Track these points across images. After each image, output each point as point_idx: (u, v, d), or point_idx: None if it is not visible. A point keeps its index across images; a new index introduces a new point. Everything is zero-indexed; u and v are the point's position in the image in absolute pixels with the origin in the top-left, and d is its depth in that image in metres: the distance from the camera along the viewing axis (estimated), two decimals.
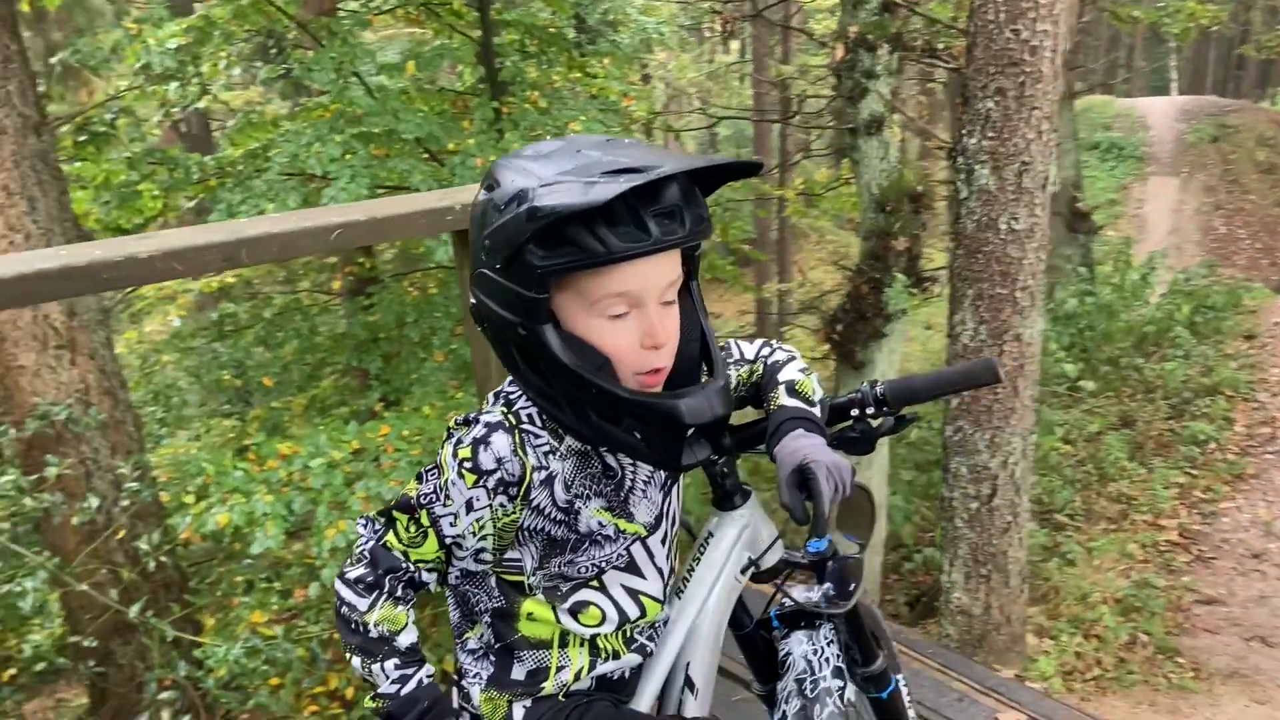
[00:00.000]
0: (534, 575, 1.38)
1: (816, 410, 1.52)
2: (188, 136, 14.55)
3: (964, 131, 4.05)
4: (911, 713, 2.15)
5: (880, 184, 6.26)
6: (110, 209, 5.89)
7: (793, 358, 1.58)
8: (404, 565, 1.38)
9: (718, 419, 1.28)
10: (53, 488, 4.39)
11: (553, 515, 1.34)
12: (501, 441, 1.29)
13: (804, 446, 1.40)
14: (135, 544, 3.95)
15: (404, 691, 1.40)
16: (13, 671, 4.45)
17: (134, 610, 3.56)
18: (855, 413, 1.58)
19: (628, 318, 1.24)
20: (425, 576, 1.40)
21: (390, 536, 1.37)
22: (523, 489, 1.30)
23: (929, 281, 6.41)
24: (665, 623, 1.55)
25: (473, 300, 1.29)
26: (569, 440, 1.35)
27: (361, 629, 1.38)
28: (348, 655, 1.41)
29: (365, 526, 1.41)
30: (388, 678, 1.39)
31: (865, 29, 5.93)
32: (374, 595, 1.37)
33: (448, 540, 1.34)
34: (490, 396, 1.40)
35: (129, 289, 7.28)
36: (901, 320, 6.53)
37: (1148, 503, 7.65)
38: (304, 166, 5.58)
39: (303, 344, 7.09)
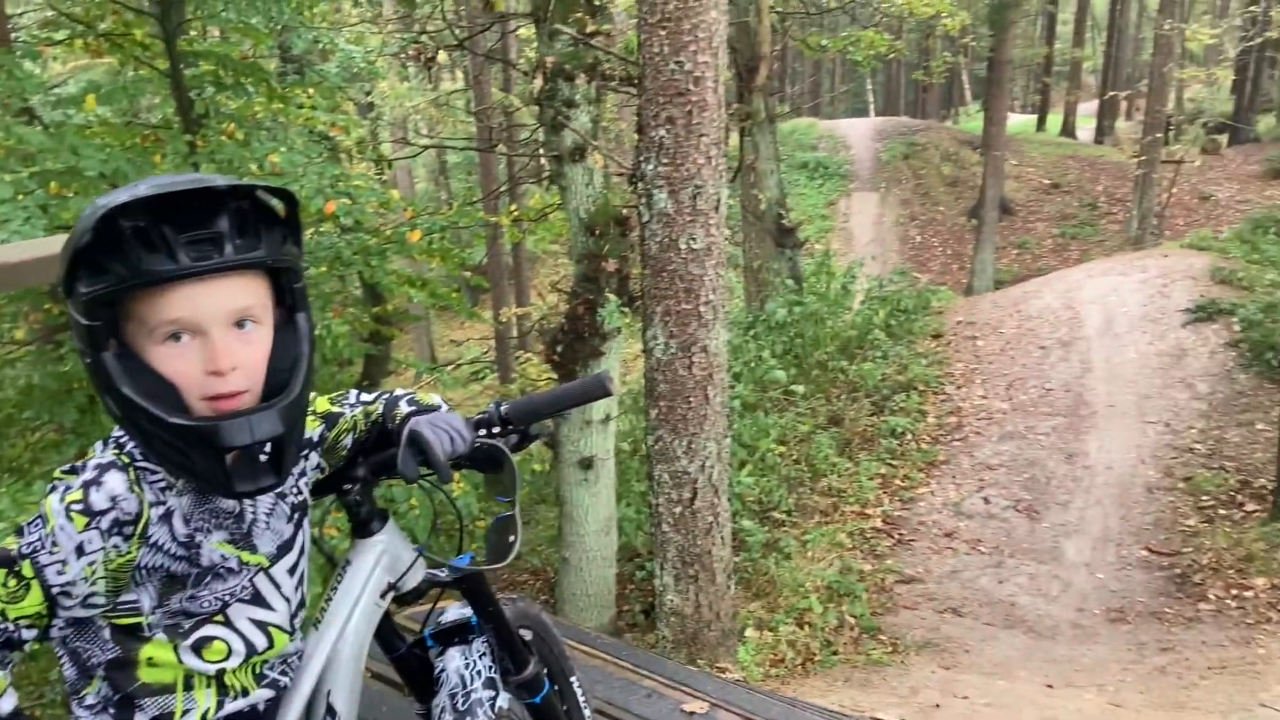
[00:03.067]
0: (153, 614, 1.35)
1: (443, 407, 1.63)
2: None
3: (642, 158, 4.26)
4: (587, 711, 2.27)
5: (588, 209, 6.46)
6: None
7: (414, 395, 1.67)
8: (3, 626, 1.27)
9: (266, 439, 1.27)
10: None
11: (172, 551, 1.33)
12: (115, 480, 1.27)
13: (413, 422, 1.51)
14: None
15: None
16: None
17: None
18: (483, 432, 1.67)
19: (190, 343, 1.25)
20: (25, 634, 1.29)
21: None
22: (140, 527, 1.28)
23: (640, 300, 6.65)
24: (298, 655, 1.56)
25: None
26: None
27: None
28: None
29: None
30: None
31: (561, 59, 6.12)
32: None
33: (55, 590, 1.27)
34: (98, 445, 1.37)
35: None
36: (618, 339, 6.75)
37: (855, 494, 8.25)
38: None
39: None
